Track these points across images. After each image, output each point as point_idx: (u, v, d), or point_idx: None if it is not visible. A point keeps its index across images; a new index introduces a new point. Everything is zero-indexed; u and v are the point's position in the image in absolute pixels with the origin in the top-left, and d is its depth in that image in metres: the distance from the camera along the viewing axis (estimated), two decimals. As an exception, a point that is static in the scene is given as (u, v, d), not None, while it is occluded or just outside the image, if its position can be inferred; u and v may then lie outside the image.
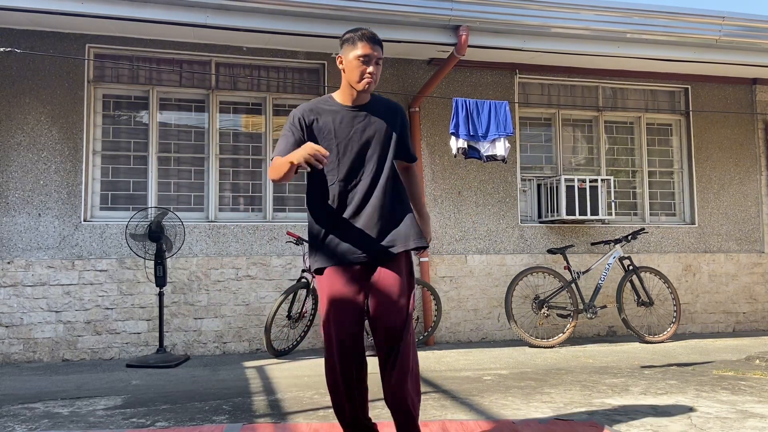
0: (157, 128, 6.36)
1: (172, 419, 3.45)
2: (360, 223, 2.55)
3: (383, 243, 2.54)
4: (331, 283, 2.55)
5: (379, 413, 3.50)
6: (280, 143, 2.57)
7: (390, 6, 5.69)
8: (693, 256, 7.54)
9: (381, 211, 2.55)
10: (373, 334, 2.55)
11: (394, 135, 2.64)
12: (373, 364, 3.11)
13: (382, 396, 3.96)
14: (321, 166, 2.28)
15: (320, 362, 5.45)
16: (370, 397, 3.93)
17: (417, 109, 6.75)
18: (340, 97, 2.63)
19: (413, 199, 2.82)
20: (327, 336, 2.54)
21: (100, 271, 5.92)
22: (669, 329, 6.60)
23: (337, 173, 2.56)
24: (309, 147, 2.27)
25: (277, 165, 2.42)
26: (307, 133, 2.57)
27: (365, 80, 2.53)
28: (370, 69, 2.52)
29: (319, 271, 2.63)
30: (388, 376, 2.53)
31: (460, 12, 5.82)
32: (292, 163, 2.29)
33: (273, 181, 2.53)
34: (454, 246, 6.84)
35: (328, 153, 2.30)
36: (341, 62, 2.57)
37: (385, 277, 2.52)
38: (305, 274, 5.94)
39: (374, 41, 2.54)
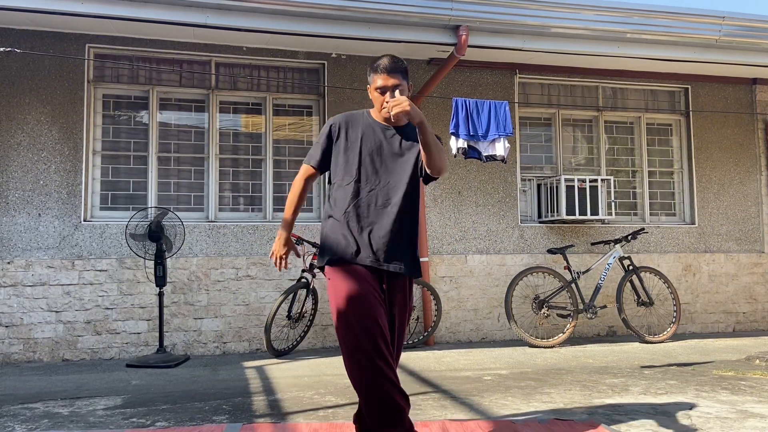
0: (157, 128, 6.36)
1: (172, 419, 3.45)
2: (372, 233, 2.64)
3: (391, 261, 2.64)
4: (345, 275, 2.58)
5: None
6: (313, 149, 2.81)
7: (390, 6, 5.69)
8: (693, 256, 7.54)
9: (393, 226, 2.65)
10: None
11: (417, 153, 2.72)
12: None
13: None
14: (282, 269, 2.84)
15: (320, 362, 5.45)
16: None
17: (417, 109, 6.74)
18: (375, 114, 2.79)
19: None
20: (347, 325, 2.50)
21: (100, 271, 5.92)
22: (669, 329, 6.60)
23: (355, 178, 2.68)
24: (275, 249, 2.82)
25: (288, 202, 2.83)
26: (336, 141, 2.75)
27: (385, 109, 2.62)
28: (388, 98, 2.62)
29: (331, 264, 2.66)
30: None
31: (460, 12, 5.82)
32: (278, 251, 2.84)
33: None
34: (454, 246, 6.84)
35: (283, 258, 2.83)
36: (369, 91, 2.75)
37: (395, 292, 2.69)
38: (305, 274, 5.94)
39: (390, 70, 2.66)
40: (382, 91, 2.66)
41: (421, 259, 6.56)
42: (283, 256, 2.81)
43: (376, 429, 2.47)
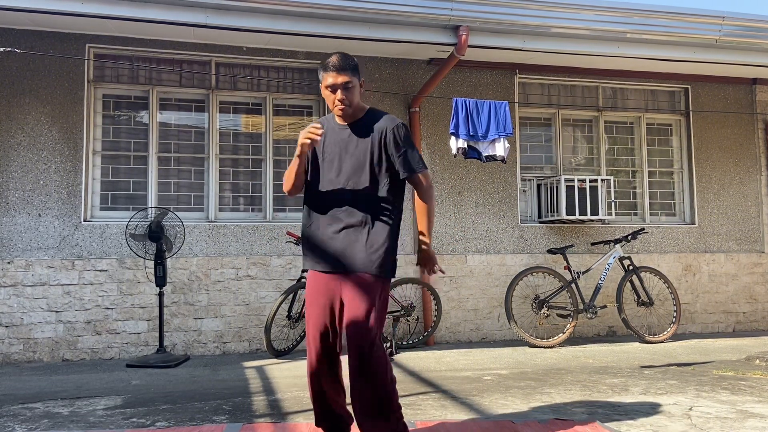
0: (157, 128, 6.36)
1: (172, 419, 3.45)
2: (330, 233, 2.71)
3: (345, 259, 2.67)
4: (310, 285, 2.79)
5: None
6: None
7: (390, 6, 5.68)
8: (693, 256, 7.54)
9: (352, 231, 2.68)
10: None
11: (376, 150, 2.72)
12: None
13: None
14: (319, 138, 2.61)
15: (320, 362, 5.44)
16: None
17: (417, 109, 6.75)
18: (335, 115, 2.82)
19: (417, 215, 2.82)
20: (306, 331, 2.81)
21: (100, 271, 5.92)
22: (669, 329, 6.60)
23: (320, 185, 2.76)
24: (302, 133, 2.65)
25: (287, 171, 2.81)
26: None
27: (336, 107, 2.71)
28: (338, 96, 2.68)
29: (307, 269, 2.87)
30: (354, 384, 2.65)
31: (460, 12, 5.82)
32: (299, 156, 2.70)
33: (288, 192, 2.83)
34: (454, 246, 6.84)
35: (318, 127, 2.63)
36: (321, 89, 2.76)
37: (348, 291, 2.65)
38: (305, 274, 5.94)
39: (339, 68, 2.65)
40: (333, 89, 2.68)
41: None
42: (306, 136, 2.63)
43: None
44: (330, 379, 2.77)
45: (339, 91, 2.67)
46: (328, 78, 2.67)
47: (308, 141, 2.62)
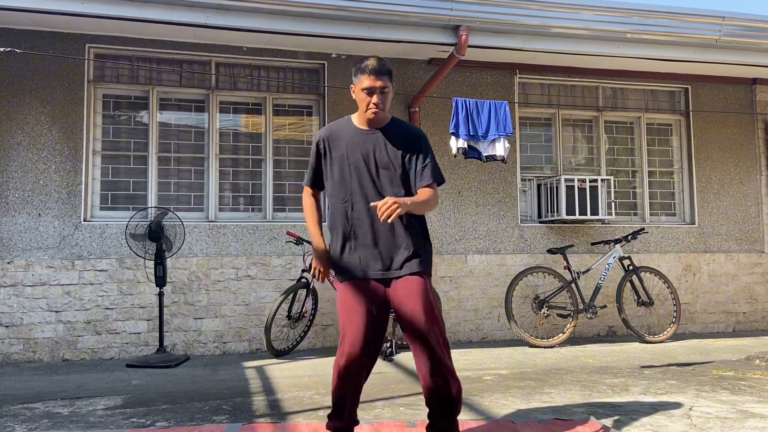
0: (157, 128, 6.36)
1: (172, 419, 3.45)
2: (365, 241, 2.72)
3: (384, 264, 2.71)
4: (347, 294, 2.73)
5: (379, 413, 3.50)
6: (308, 168, 2.95)
7: (390, 6, 5.68)
8: (693, 256, 7.54)
9: (384, 232, 2.71)
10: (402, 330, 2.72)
11: (407, 157, 2.77)
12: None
13: (382, 396, 3.97)
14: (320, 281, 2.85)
15: (320, 362, 5.45)
16: (369, 397, 3.95)
17: (417, 109, 6.75)
18: (357, 120, 2.83)
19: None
20: (341, 338, 2.70)
21: (100, 271, 5.92)
22: (669, 329, 6.60)
23: (348, 193, 2.74)
24: (315, 265, 2.85)
25: (306, 219, 2.92)
26: (324, 156, 2.83)
27: (370, 110, 2.72)
28: (374, 100, 2.71)
29: (339, 281, 2.82)
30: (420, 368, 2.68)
31: (460, 12, 5.82)
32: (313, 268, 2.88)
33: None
34: (454, 246, 6.84)
35: (324, 273, 2.84)
36: (353, 91, 2.78)
37: (401, 295, 2.68)
38: (305, 274, 5.94)
39: (378, 72, 2.69)
40: (369, 92, 2.70)
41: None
42: (322, 272, 2.85)
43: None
44: (359, 385, 2.73)
45: (376, 95, 2.70)
46: (366, 81, 2.69)
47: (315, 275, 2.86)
